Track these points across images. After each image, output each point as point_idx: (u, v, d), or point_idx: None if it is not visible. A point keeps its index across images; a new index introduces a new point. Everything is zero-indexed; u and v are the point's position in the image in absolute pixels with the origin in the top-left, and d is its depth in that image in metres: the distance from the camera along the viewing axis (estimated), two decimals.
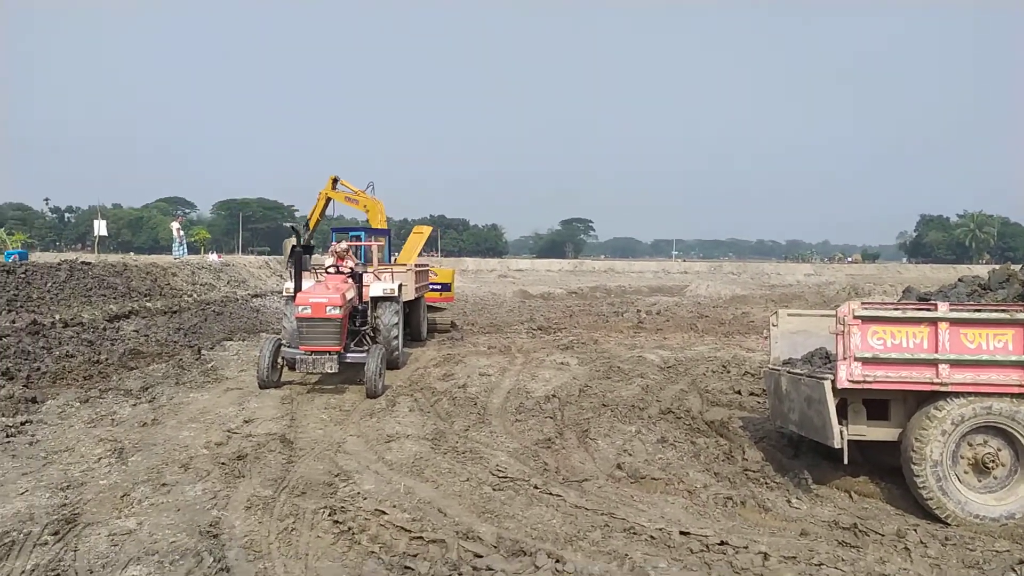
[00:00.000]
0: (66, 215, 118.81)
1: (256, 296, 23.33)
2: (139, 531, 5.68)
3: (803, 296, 33.83)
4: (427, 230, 19.51)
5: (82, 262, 17.85)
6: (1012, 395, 6.23)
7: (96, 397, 10.00)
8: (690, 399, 10.46)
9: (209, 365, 12.94)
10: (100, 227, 29.76)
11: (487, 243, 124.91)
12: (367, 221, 18.72)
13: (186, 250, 30.27)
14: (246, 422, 9.12)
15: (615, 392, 10.91)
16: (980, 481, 6.39)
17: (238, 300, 21.63)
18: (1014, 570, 5.26)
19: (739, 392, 10.76)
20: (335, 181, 18.49)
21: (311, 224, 18.92)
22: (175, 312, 17.32)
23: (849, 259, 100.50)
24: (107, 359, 12.38)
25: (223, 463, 7.41)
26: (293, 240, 15.63)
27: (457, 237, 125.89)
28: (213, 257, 31.28)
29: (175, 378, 11.63)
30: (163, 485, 6.76)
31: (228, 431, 8.66)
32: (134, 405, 9.75)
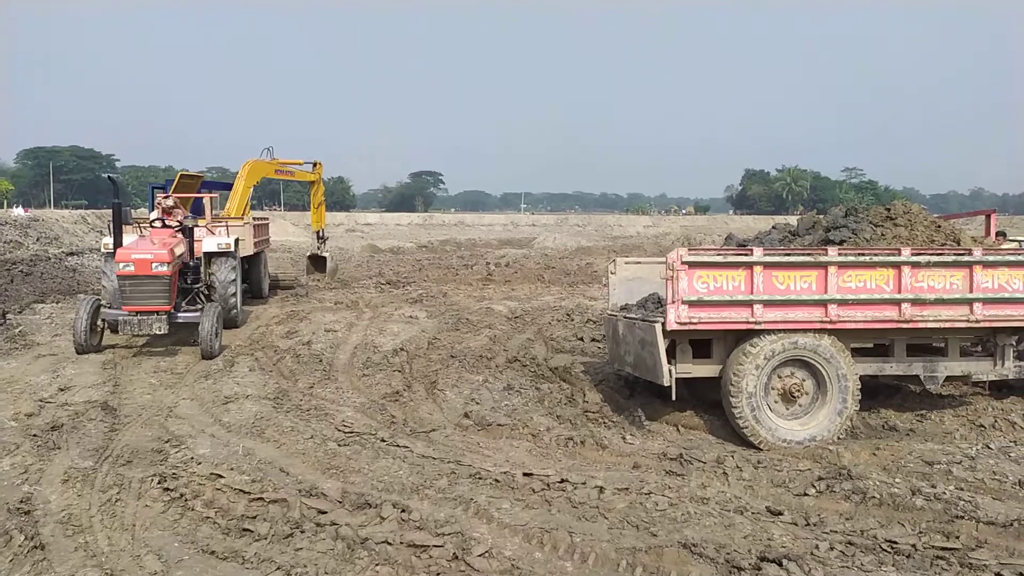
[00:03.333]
0: None
1: (72, 254, 21.24)
2: None
3: (642, 246, 35.65)
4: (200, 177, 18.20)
5: None
6: (815, 330, 6.92)
7: None
8: (536, 347, 10.76)
9: (17, 330, 11.67)
10: None
11: (334, 197, 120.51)
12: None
13: None
14: (61, 390, 8.35)
15: (463, 343, 11.01)
16: (788, 409, 7.09)
17: (50, 259, 19.59)
18: (814, 486, 5.90)
19: (582, 339, 11.21)
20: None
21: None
22: None
23: (684, 211, 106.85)
24: None
25: (35, 435, 6.76)
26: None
27: (301, 190, 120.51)
28: (19, 211, 28.10)
29: None
30: None
31: (40, 400, 7.90)
32: None
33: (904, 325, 7.00)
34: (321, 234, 19.78)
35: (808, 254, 6.92)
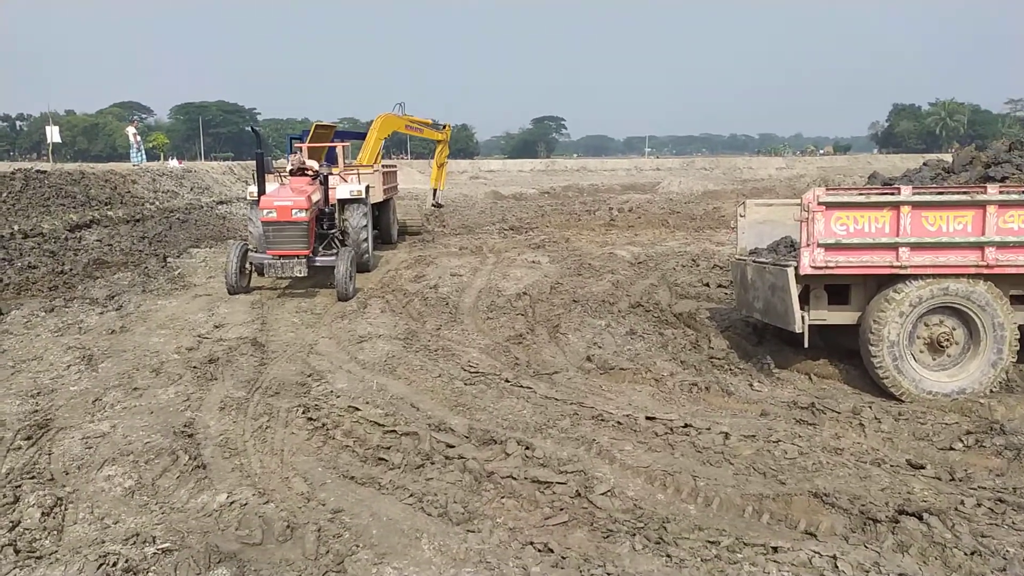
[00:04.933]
0: (17, 123, 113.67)
1: (221, 203, 22.83)
2: (113, 433, 5.73)
3: (774, 190, 33.92)
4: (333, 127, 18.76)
5: (37, 170, 17.18)
6: (968, 276, 6.39)
7: (62, 307, 9.86)
8: (659, 293, 10.59)
9: (176, 272, 12.78)
10: (53, 134, 28.55)
11: (458, 144, 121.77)
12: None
13: (144, 156, 29.23)
14: (216, 327, 9.10)
15: (586, 288, 11.01)
16: (934, 359, 6.63)
17: (203, 207, 21.16)
18: (961, 440, 5.54)
19: (707, 284, 10.91)
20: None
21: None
22: (138, 220, 16.93)
23: (821, 151, 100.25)
24: (71, 269, 12.14)
25: (195, 367, 7.43)
26: None
27: (428, 140, 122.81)
28: (174, 163, 30.36)
29: (142, 286, 11.48)
30: (135, 389, 6.79)
31: (198, 336, 8.65)
32: (101, 313, 9.65)
33: None
34: (436, 194, 20.20)
35: (964, 192, 6.33)
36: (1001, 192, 6.25)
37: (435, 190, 20.23)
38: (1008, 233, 6.26)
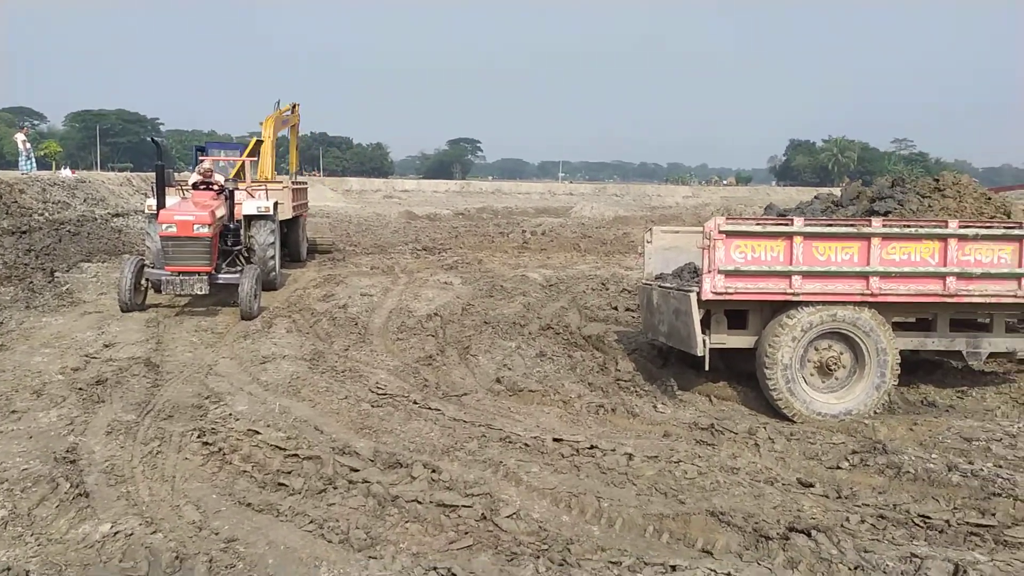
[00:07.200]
0: None
1: (117, 215, 21.69)
2: None
3: (681, 217, 35.15)
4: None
5: None
6: (854, 303, 6.78)
7: None
8: (569, 315, 10.74)
9: (64, 288, 12.04)
10: None
11: (372, 163, 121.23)
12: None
13: (35, 164, 27.49)
14: (106, 346, 8.60)
15: (497, 310, 11.05)
16: (824, 382, 6.99)
17: (97, 219, 20.03)
18: (847, 459, 5.83)
19: (616, 308, 11.15)
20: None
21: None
22: (24, 232, 15.83)
23: (725, 182, 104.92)
24: None
25: (80, 389, 6.99)
26: None
27: (340, 156, 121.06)
28: (66, 172, 28.68)
29: (25, 302, 10.75)
30: (13, 412, 6.34)
31: (86, 356, 8.15)
32: None
33: (948, 299, 6.82)
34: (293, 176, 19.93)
35: (851, 225, 6.75)
36: (884, 225, 6.70)
37: (290, 172, 19.87)
38: (890, 264, 6.69)
